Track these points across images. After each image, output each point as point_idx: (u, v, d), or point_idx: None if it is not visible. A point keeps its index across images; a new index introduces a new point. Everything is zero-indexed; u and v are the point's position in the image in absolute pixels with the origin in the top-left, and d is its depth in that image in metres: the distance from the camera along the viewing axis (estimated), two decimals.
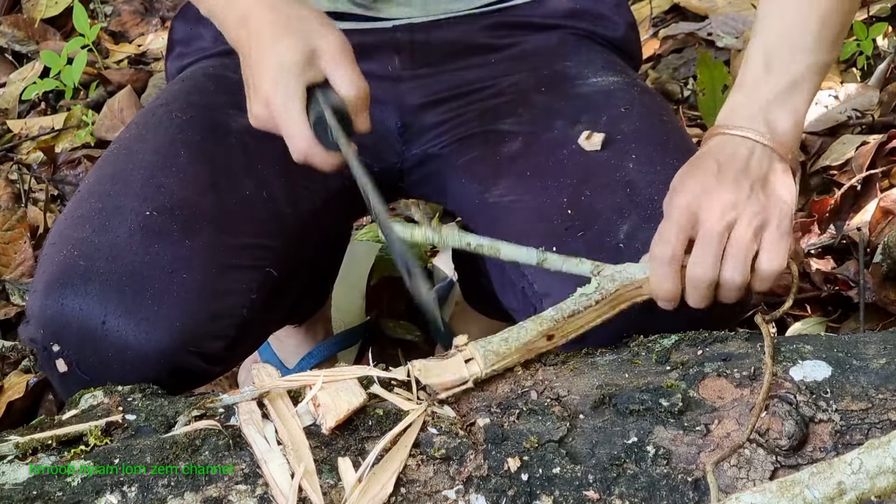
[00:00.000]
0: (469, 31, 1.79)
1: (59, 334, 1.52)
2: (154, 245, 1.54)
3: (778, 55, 1.49)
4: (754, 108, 1.47)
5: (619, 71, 1.80)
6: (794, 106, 1.49)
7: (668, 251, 1.41)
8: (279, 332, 2.21)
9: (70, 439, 1.36)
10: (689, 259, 1.42)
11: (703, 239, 1.41)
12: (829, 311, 2.19)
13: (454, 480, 1.31)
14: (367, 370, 1.42)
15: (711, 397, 1.36)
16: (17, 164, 2.96)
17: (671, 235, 1.41)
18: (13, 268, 2.59)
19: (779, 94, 1.48)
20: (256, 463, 1.32)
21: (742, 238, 1.41)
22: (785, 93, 1.48)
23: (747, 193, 1.42)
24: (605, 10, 1.86)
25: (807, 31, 1.49)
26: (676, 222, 1.42)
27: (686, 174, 1.46)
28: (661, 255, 1.42)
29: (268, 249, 1.63)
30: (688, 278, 1.42)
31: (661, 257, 1.42)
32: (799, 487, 1.12)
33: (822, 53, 1.50)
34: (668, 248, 1.42)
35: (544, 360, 1.44)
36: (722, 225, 1.40)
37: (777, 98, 1.48)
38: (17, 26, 3.52)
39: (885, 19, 2.82)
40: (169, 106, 1.73)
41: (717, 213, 1.41)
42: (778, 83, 1.48)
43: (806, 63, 1.49)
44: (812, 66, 1.49)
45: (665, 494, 1.29)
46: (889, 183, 2.36)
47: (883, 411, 1.32)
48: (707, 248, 1.41)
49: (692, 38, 3.05)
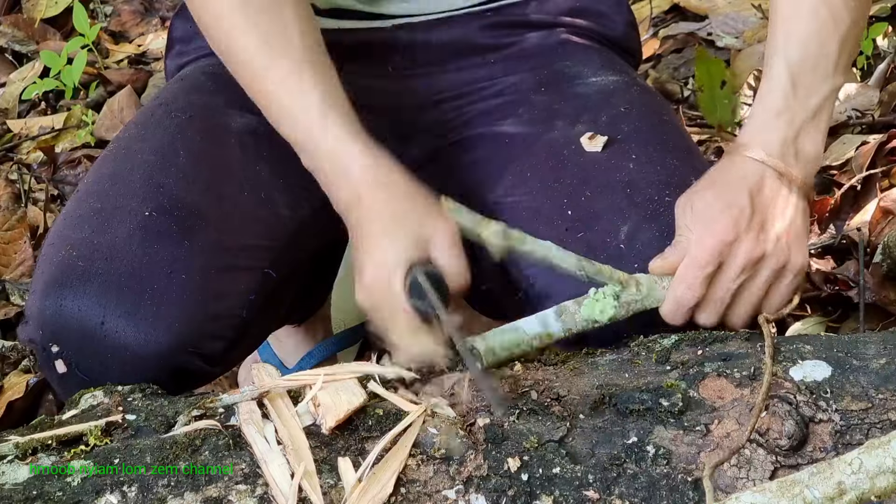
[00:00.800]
0: (469, 30, 1.79)
1: (58, 335, 1.51)
2: (153, 246, 1.54)
3: (804, 78, 1.49)
4: (788, 135, 1.48)
5: (619, 70, 1.80)
6: (820, 131, 1.51)
7: (691, 298, 1.45)
8: (279, 332, 2.21)
9: (70, 439, 1.36)
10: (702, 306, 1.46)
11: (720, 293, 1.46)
12: (829, 311, 2.19)
13: (454, 480, 1.31)
14: (367, 366, 1.42)
15: (711, 397, 1.36)
16: (17, 164, 2.96)
17: (696, 281, 1.44)
18: (13, 268, 2.59)
19: (806, 119, 1.49)
20: (256, 463, 1.32)
21: (757, 292, 1.46)
22: (812, 119, 1.49)
23: (772, 247, 1.45)
24: (605, 8, 1.86)
25: (829, 54, 1.50)
26: (703, 266, 1.44)
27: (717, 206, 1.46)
28: (682, 300, 1.45)
29: (267, 251, 1.63)
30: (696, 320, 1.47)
31: (681, 302, 1.45)
32: (799, 487, 1.12)
33: (839, 77, 1.52)
34: (691, 295, 1.45)
35: (544, 360, 1.44)
36: (742, 279, 1.45)
37: (804, 125, 1.49)
38: (17, 26, 3.52)
39: (885, 19, 2.82)
40: (168, 106, 1.73)
41: (740, 268, 1.44)
42: (805, 108, 1.49)
43: (828, 88, 1.50)
44: (832, 91, 1.51)
45: (665, 494, 1.29)
46: (889, 183, 2.36)
47: (883, 411, 1.32)
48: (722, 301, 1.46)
49: (692, 38, 3.05)
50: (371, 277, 1.46)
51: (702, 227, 1.45)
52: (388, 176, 1.50)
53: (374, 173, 1.49)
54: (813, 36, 1.50)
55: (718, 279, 1.45)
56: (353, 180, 1.49)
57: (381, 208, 1.48)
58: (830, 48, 1.50)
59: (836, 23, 1.50)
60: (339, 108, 1.52)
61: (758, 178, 1.47)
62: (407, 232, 1.46)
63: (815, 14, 1.50)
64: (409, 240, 1.45)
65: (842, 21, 1.50)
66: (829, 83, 1.50)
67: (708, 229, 1.44)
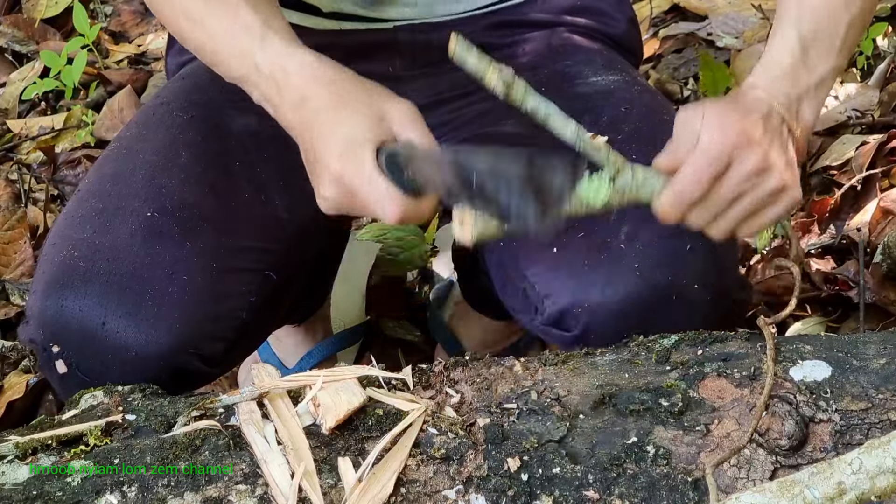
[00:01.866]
0: (471, 31, 1.79)
1: (59, 335, 1.52)
2: (155, 247, 1.54)
3: (814, 46, 1.49)
4: (792, 92, 1.47)
5: (620, 70, 1.80)
6: (819, 103, 1.50)
7: (695, 191, 1.39)
8: (279, 332, 2.21)
9: (70, 439, 1.36)
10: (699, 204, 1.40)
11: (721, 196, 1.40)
12: (829, 311, 2.19)
13: (454, 480, 1.31)
14: (367, 370, 1.42)
15: (711, 397, 1.36)
16: (17, 164, 2.96)
17: (705, 175, 1.38)
18: (13, 268, 2.59)
19: (810, 87, 1.48)
20: (256, 463, 1.32)
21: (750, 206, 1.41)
22: (814, 88, 1.49)
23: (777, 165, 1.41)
24: (606, 7, 1.86)
25: (837, 33, 1.50)
26: (715, 160, 1.39)
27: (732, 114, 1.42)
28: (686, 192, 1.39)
29: (267, 252, 1.63)
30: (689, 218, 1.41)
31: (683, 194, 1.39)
32: (799, 487, 1.12)
33: (843, 58, 1.51)
34: (698, 189, 1.39)
35: (544, 360, 1.44)
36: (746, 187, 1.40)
37: (808, 91, 1.48)
38: (17, 26, 3.51)
39: (885, 19, 2.82)
40: (170, 105, 1.73)
41: (746, 173, 1.39)
42: (811, 76, 1.48)
43: (832, 64, 1.50)
44: (835, 68, 1.50)
45: (665, 494, 1.29)
46: (889, 183, 2.36)
47: (883, 411, 1.32)
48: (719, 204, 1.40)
49: (692, 38, 3.05)
50: (337, 168, 1.39)
51: (715, 126, 1.40)
52: (333, 71, 1.46)
53: (317, 70, 1.45)
54: (826, 12, 1.50)
55: (724, 180, 1.39)
56: (296, 83, 1.44)
57: (329, 100, 1.43)
58: (839, 27, 1.49)
59: (847, 5, 1.50)
60: (280, 29, 1.48)
61: (767, 109, 1.44)
62: (362, 111, 1.41)
63: None
64: (366, 118, 1.40)
65: (853, 4, 1.50)
66: (833, 60, 1.50)
67: (722, 129, 1.39)
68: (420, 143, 1.40)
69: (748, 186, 1.40)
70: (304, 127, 1.44)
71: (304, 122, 1.44)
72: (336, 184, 1.40)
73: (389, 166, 1.37)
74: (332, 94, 1.43)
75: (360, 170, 1.38)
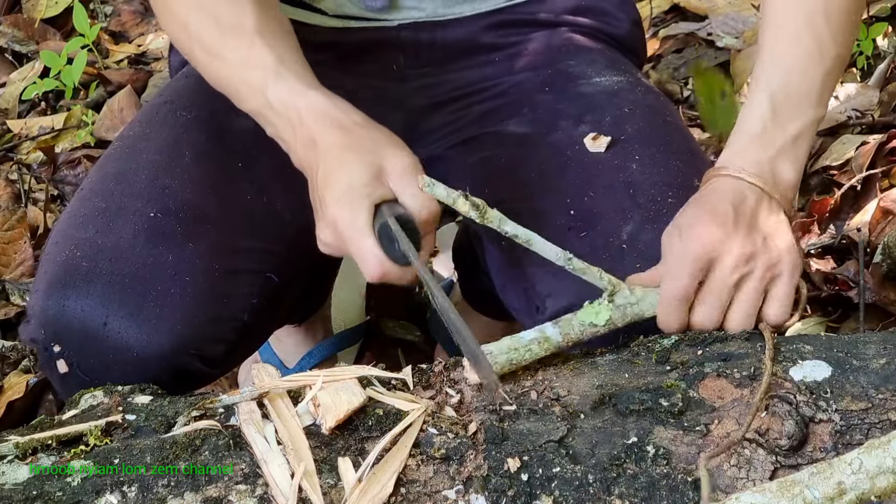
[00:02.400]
0: (473, 30, 1.79)
1: (61, 335, 1.52)
2: (157, 247, 1.54)
3: (785, 105, 1.49)
4: (763, 157, 1.48)
5: (623, 70, 1.80)
6: (797, 158, 1.50)
7: (682, 292, 1.43)
8: (279, 332, 2.22)
9: (70, 439, 1.36)
10: (698, 303, 1.44)
11: (716, 289, 1.43)
12: (829, 311, 2.19)
13: (454, 480, 1.31)
14: (367, 370, 1.42)
15: (711, 397, 1.36)
16: (17, 164, 2.96)
17: (685, 278, 1.42)
18: (13, 268, 2.59)
19: (785, 145, 1.48)
20: (256, 463, 1.32)
21: (754, 291, 1.43)
22: (790, 146, 1.49)
23: (762, 245, 1.44)
24: (610, 7, 1.86)
25: (812, 84, 1.50)
26: (692, 266, 1.42)
27: (701, 218, 1.44)
28: (674, 294, 1.43)
29: (269, 254, 1.63)
30: (694, 321, 1.45)
31: (673, 297, 1.43)
32: (799, 487, 1.12)
33: (822, 108, 1.52)
34: (682, 289, 1.42)
35: (544, 360, 1.44)
36: (736, 276, 1.43)
37: (783, 150, 1.48)
38: (17, 26, 3.51)
39: (885, 19, 2.82)
40: (173, 104, 1.73)
41: (732, 264, 1.42)
42: (784, 134, 1.48)
43: (809, 117, 1.50)
44: (812, 120, 1.51)
45: (665, 494, 1.29)
46: (889, 183, 2.36)
47: (883, 411, 1.32)
48: (718, 297, 1.43)
49: (692, 38, 3.05)
50: (333, 213, 1.43)
51: (690, 237, 1.43)
52: (343, 115, 1.48)
53: (328, 114, 1.47)
54: (797, 65, 1.50)
55: (712, 274, 1.43)
56: (308, 124, 1.47)
57: (336, 144, 1.45)
58: (814, 79, 1.50)
59: (821, 53, 1.50)
60: (294, 67, 1.51)
61: (738, 191, 1.45)
62: (364, 162, 1.43)
63: (800, 43, 1.50)
64: (367, 170, 1.43)
65: (827, 52, 1.50)
66: (810, 113, 1.50)
67: (694, 232, 1.43)
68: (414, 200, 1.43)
69: (741, 275, 1.43)
70: (312, 166, 1.47)
71: (312, 162, 1.47)
72: (330, 228, 1.44)
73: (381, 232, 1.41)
74: (340, 136, 1.46)
75: (354, 221, 1.42)
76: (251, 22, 1.52)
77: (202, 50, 1.55)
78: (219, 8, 1.53)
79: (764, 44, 1.53)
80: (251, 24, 1.51)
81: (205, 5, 1.54)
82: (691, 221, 1.45)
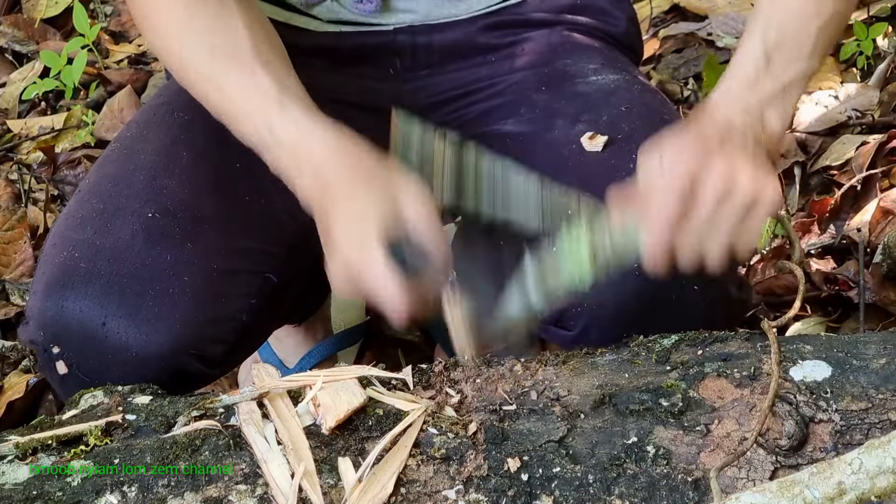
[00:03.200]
0: (470, 31, 1.79)
1: (60, 336, 1.52)
2: (156, 248, 1.54)
3: (778, 55, 1.48)
4: (753, 101, 1.46)
5: (620, 69, 1.79)
6: (785, 109, 1.49)
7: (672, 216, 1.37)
8: (279, 332, 2.21)
9: (70, 439, 1.36)
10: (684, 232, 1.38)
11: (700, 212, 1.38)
12: (829, 311, 2.19)
13: (454, 480, 1.31)
14: (367, 370, 1.42)
15: (711, 397, 1.36)
16: (17, 164, 2.96)
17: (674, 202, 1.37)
18: (13, 268, 2.59)
19: (775, 94, 1.47)
20: (256, 463, 1.32)
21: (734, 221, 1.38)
22: (780, 95, 1.48)
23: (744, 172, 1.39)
24: (606, 5, 1.86)
25: (807, 36, 1.49)
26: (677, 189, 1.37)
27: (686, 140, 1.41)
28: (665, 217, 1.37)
29: (268, 255, 1.63)
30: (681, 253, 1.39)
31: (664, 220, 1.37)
32: (799, 487, 1.12)
33: (815, 61, 1.50)
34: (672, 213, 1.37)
35: (544, 360, 1.44)
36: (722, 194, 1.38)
37: (773, 98, 1.47)
38: (17, 26, 3.51)
39: (885, 19, 2.82)
40: (171, 105, 1.73)
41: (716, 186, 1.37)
42: (775, 84, 1.48)
43: (801, 68, 1.49)
44: (804, 72, 1.50)
45: (665, 494, 1.29)
46: (889, 183, 2.36)
47: (883, 411, 1.32)
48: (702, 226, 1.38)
49: (692, 38, 3.05)
50: (348, 251, 1.41)
51: (673, 153, 1.39)
52: (352, 148, 1.46)
53: (336, 148, 1.46)
54: (793, 18, 1.49)
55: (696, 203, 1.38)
56: (315, 161, 1.45)
57: (344, 173, 1.44)
58: (809, 30, 1.49)
59: (818, 9, 1.49)
60: (297, 100, 1.49)
61: (724, 126, 1.43)
62: (379, 199, 1.41)
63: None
64: (381, 207, 1.41)
65: (825, 8, 1.50)
66: (802, 64, 1.49)
67: (680, 153, 1.39)
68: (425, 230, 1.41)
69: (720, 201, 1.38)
70: (319, 198, 1.45)
71: (319, 194, 1.45)
72: (345, 268, 1.42)
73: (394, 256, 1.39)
74: (347, 168, 1.44)
75: (370, 260, 1.39)
76: (247, 46, 1.50)
77: (198, 75, 1.53)
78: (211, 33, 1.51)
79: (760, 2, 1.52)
80: (247, 48, 1.50)
81: (194, 28, 1.52)
82: (675, 143, 1.41)
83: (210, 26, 1.51)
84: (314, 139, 1.46)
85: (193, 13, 1.52)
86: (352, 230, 1.41)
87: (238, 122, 1.51)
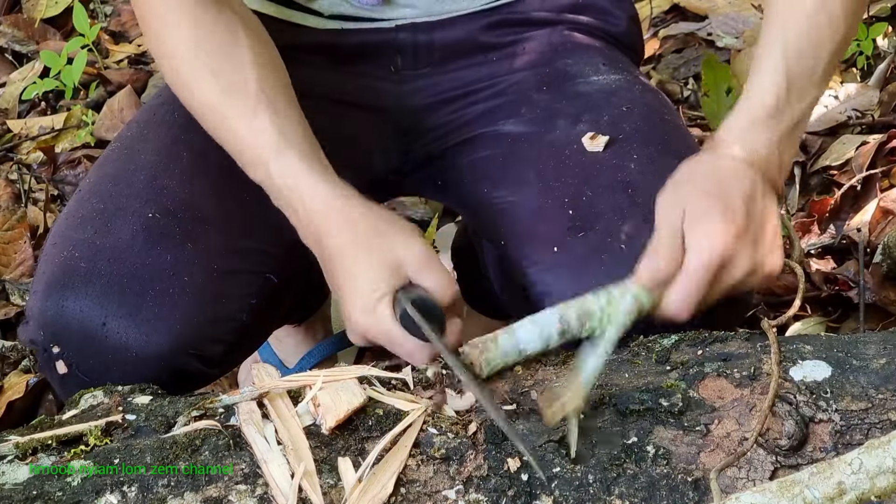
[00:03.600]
0: (471, 30, 1.79)
1: (60, 336, 1.52)
2: (156, 247, 1.54)
3: (797, 84, 1.48)
4: (773, 137, 1.47)
5: (621, 69, 1.79)
6: (796, 143, 1.50)
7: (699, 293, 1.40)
8: (279, 332, 2.21)
9: (70, 439, 1.36)
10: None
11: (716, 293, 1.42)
12: (829, 311, 2.19)
13: (454, 480, 1.31)
14: (367, 370, 1.42)
15: (711, 397, 1.36)
16: (17, 164, 2.96)
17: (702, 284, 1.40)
18: (13, 268, 2.59)
19: (791, 126, 1.48)
20: (256, 463, 1.32)
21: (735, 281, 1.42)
22: (795, 126, 1.49)
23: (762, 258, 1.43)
24: (607, 4, 1.85)
25: (820, 62, 1.49)
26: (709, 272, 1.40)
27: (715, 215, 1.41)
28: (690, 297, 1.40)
29: (268, 255, 1.63)
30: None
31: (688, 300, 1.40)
32: (799, 487, 1.12)
33: (824, 87, 1.51)
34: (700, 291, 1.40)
35: (544, 360, 1.44)
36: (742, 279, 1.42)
37: (788, 131, 1.48)
38: (17, 26, 3.51)
39: (885, 19, 2.82)
40: (171, 104, 1.73)
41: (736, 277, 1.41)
42: (793, 113, 1.48)
43: (813, 96, 1.50)
44: (815, 101, 1.51)
45: (665, 494, 1.29)
46: (889, 183, 2.36)
47: (883, 411, 1.32)
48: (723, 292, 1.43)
49: (692, 38, 3.05)
50: (358, 318, 1.45)
51: (701, 234, 1.40)
52: (352, 209, 1.48)
53: (332, 205, 1.48)
54: (808, 45, 1.48)
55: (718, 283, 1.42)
56: (317, 218, 1.48)
57: (347, 243, 1.47)
58: (822, 56, 1.48)
59: (832, 30, 1.49)
60: (297, 146, 1.50)
61: (750, 183, 1.44)
62: (379, 260, 1.44)
63: (814, 15, 1.49)
64: (383, 268, 1.44)
65: (838, 30, 1.49)
66: (815, 91, 1.49)
67: (708, 238, 1.40)
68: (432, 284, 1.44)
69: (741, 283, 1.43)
70: (315, 246, 1.50)
71: (313, 242, 1.50)
72: (359, 331, 1.46)
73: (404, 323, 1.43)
74: (348, 233, 1.47)
75: (381, 327, 1.44)
76: (252, 80, 1.52)
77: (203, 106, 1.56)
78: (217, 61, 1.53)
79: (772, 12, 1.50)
80: (253, 82, 1.52)
81: (201, 56, 1.53)
82: (705, 213, 1.41)
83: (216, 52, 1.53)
84: (309, 192, 1.49)
85: (200, 35, 1.53)
86: (360, 300, 1.45)
87: (242, 160, 1.54)
